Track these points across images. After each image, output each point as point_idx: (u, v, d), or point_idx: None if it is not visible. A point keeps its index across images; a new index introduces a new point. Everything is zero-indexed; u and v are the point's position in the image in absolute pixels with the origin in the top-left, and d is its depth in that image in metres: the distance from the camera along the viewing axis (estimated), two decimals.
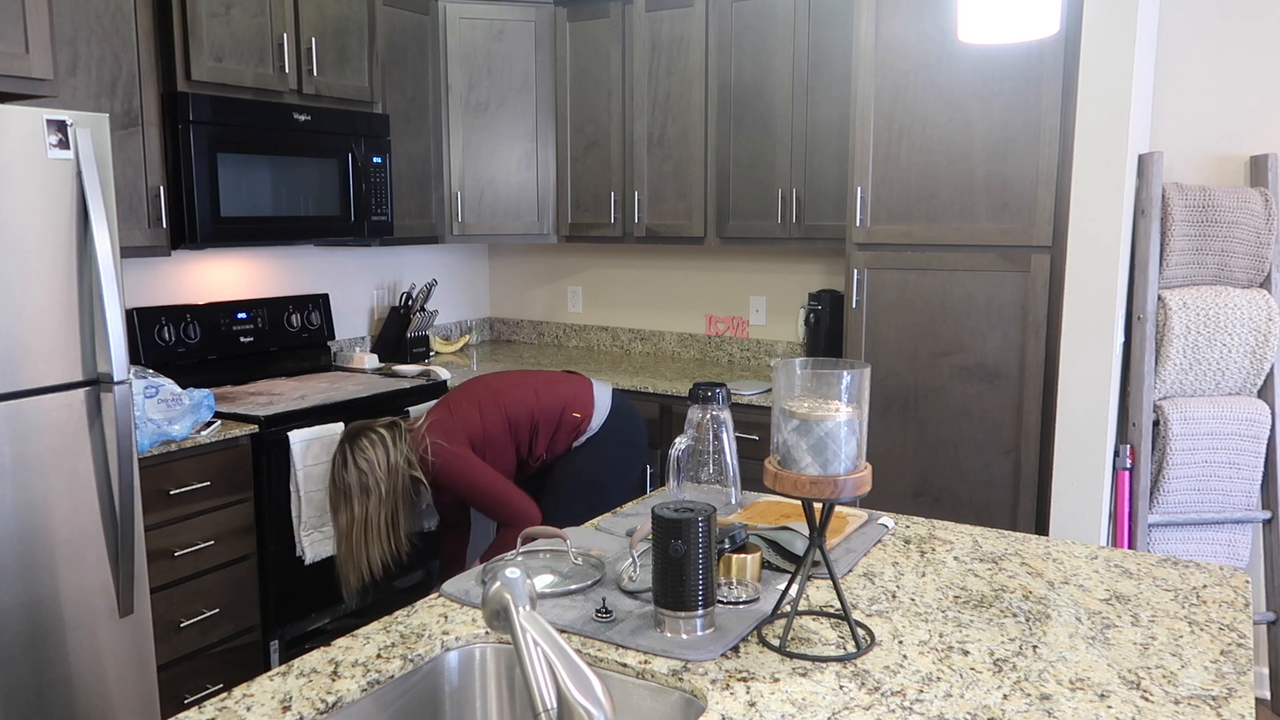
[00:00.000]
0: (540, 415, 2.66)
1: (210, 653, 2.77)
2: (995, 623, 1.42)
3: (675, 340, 4.16)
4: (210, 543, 2.72)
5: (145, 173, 2.83)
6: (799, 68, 3.36)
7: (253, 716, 1.17)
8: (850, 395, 1.30)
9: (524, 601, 1.05)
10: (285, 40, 3.11)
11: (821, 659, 1.30)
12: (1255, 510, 2.94)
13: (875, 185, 3.02)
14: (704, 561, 1.31)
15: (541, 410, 2.66)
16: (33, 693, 2.16)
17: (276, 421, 2.87)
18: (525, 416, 2.65)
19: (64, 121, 2.14)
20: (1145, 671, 1.26)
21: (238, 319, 3.39)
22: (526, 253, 4.56)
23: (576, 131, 3.92)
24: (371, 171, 3.42)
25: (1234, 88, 2.96)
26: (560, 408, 2.67)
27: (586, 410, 2.68)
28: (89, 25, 2.67)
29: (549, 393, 2.69)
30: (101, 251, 2.18)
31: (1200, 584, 1.56)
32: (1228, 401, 2.88)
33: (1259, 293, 2.86)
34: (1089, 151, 2.68)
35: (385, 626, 1.42)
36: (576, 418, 2.66)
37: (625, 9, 3.72)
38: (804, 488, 1.27)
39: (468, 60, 3.83)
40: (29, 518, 2.13)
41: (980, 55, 2.81)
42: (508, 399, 2.65)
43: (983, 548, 1.74)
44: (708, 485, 1.82)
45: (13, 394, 2.09)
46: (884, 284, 3.04)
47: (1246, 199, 2.84)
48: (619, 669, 1.30)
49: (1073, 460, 2.78)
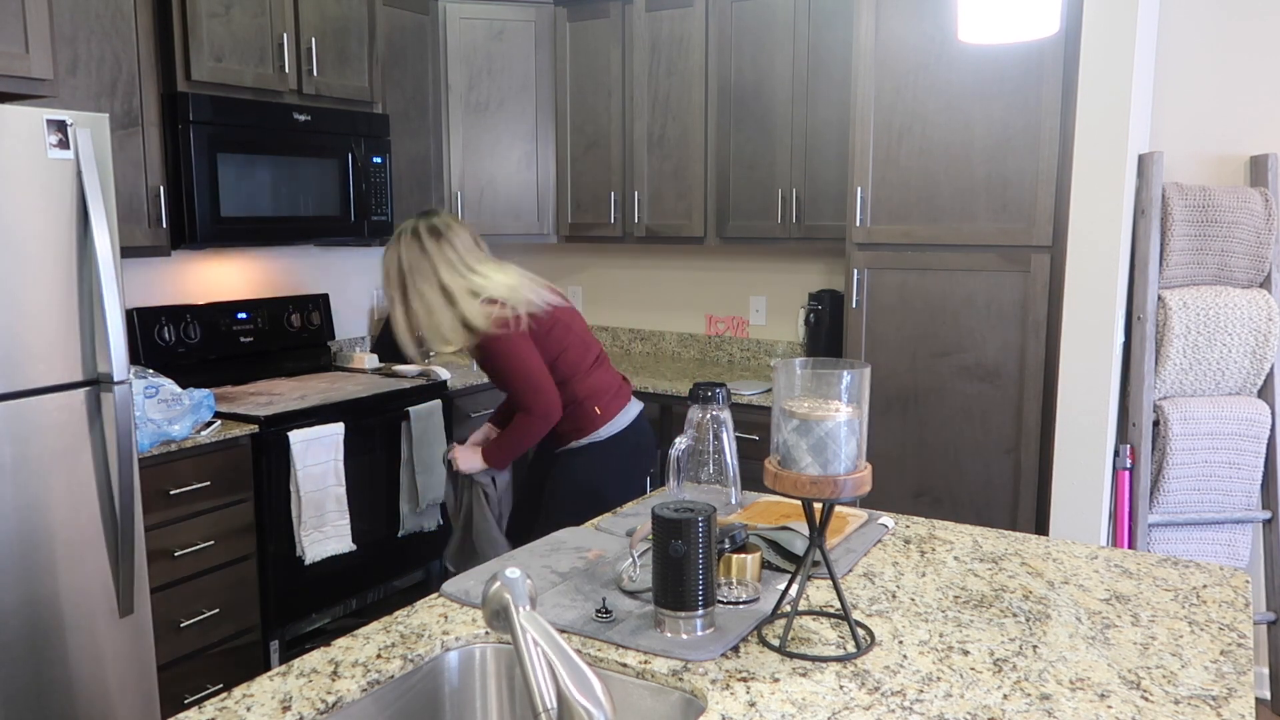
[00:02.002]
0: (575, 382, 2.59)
1: (210, 653, 2.77)
2: (995, 623, 1.42)
3: (675, 340, 4.16)
4: (210, 543, 2.72)
5: (145, 173, 2.83)
6: (799, 68, 3.36)
7: (253, 716, 1.17)
8: (850, 395, 1.30)
9: (524, 601, 1.05)
10: (285, 40, 3.11)
11: (821, 659, 1.30)
12: (1255, 510, 2.94)
13: (875, 185, 3.02)
14: (704, 561, 1.31)
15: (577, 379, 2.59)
16: (33, 693, 2.16)
17: (276, 421, 2.87)
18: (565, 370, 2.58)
19: (64, 121, 2.14)
20: (1145, 671, 1.26)
21: (238, 319, 3.39)
22: (526, 253, 4.56)
23: (576, 131, 3.92)
24: (371, 171, 3.42)
25: (1234, 88, 2.96)
26: (589, 393, 2.59)
27: (608, 414, 2.62)
28: (89, 25, 2.67)
29: (599, 375, 2.62)
30: (101, 251, 2.18)
31: (1200, 584, 1.56)
32: (1228, 401, 2.88)
33: (1259, 293, 2.86)
34: (1089, 151, 2.68)
35: (385, 626, 1.42)
36: (597, 412, 2.60)
37: (625, 9, 3.72)
38: (804, 488, 1.27)
39: (468, 60, 3.83)
40: (29, 518, 2.13)
41: (980, 55, 2.81)
42: (571, 346, 2.59)
43: (983, 548, 1.74)
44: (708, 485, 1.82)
45: (13, 394, 2.09)
46: (884, 284, 3.04)
47: (1246, 199, 2.84)
48: (619, 669, 1.30)
49: (1073, 460, 2.78)
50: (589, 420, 2.59)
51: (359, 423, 3.09)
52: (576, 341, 2.62)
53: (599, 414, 2.60)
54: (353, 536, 3.05)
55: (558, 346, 2.57)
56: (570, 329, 2.61)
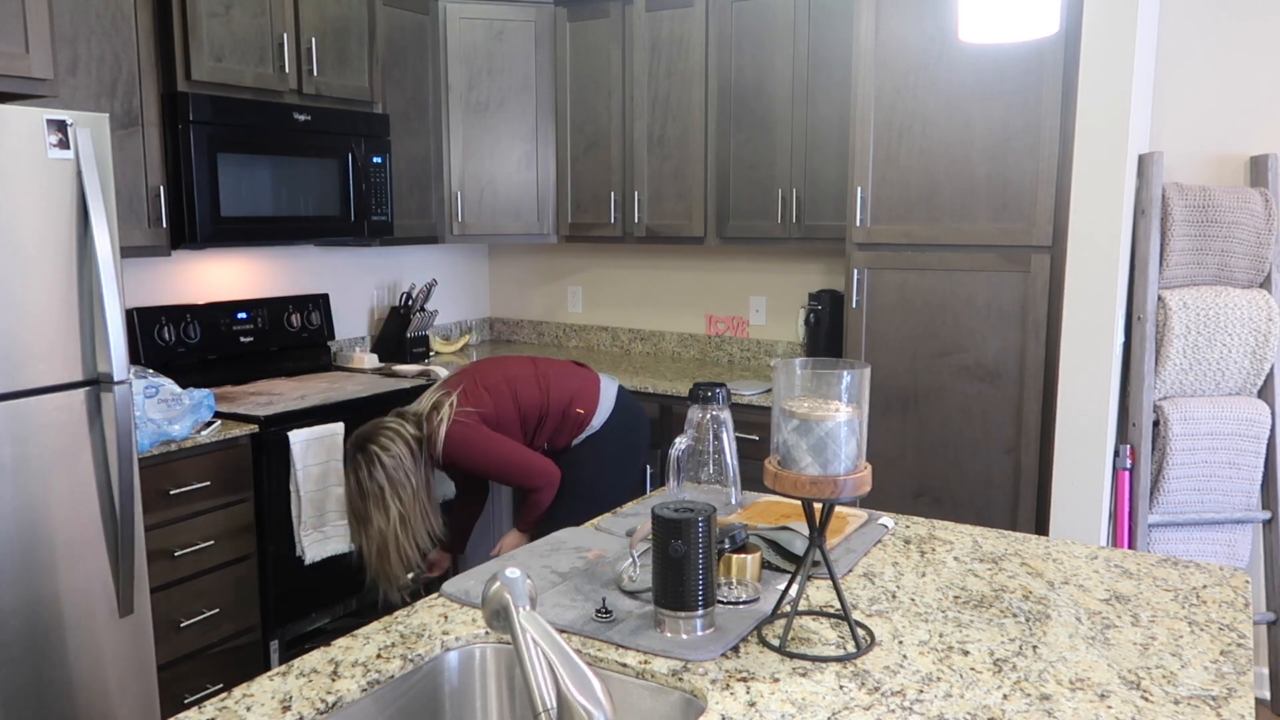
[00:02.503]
0: (548, 408, 2.68)
1: (210, 653, 2.77)
2: (995, 623, 1.42)
3: (675, 340, 4.16)
4: (210, 543, 2.72)
5: (145, 173, 2.83)
6: (799, 68, 3.36)
7: (253, 716, 1.17)
8: (850, 395, 1.30)
9: (524, 601, 1.05)
10: (285, 40, 3.11)
11: (821, 659, 1.30)
12: (1255, 510, 2.94)
13: (875, 185, 3.02)
14: (704, 561, 1.31)
15: (549, 404, 2.68)
16: (33, 693, 2.16)
17: (276, 421, 2.87)
18: (534, 408, 2.67)
19: (64, 121, 2.14)
20: (1145, 671, 1.26)
21: (238, 319, 3.39)
22: (526, 253, 4.56)
23: (576, 131, 3.92)
24: (371, 171, 3.42)
25: (1234, 88, 2.96)
26: (567, 401, 2.68)
27: (590, 406, 2.70)
28: (89, 25, 2.67)
29: (557, 386, 2.70)
30: (101, 251, 2.18)
31: (1200, 584, 1.56)
32: (1228, 401, 2.88)
33: (1259, 293, 2.86)
34: (1089, 151, 2.68)
35: (385, 626, 1.42)
36: (580, 413, 2.68)
37: (625, 9, 3.72)
38: (804, 488, 1.27)
39: (468, 60, 3.83)
40: (29, 518, 2.13)
41: (980, 55, 2.81)
42: (520, 388, 2.67)
43: (983, 548, 1.74)
44: (708, 485, 1.82)
45: (13, 394, 2.09)
46: (884, 284, 3.04)
47: (1246, 199, 2.84)
48: (619, 669, 1.30)
49: (1073, 460, 2.78)
50: (580, 420, 2.69)
51: (359, 423, 3.08)
52: (519, 380, 2.71)
53: (583, 413, 2.70)
54: (352, 536, 3.04)
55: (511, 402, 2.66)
56: (505, 378, 2.70)
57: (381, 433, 2.54)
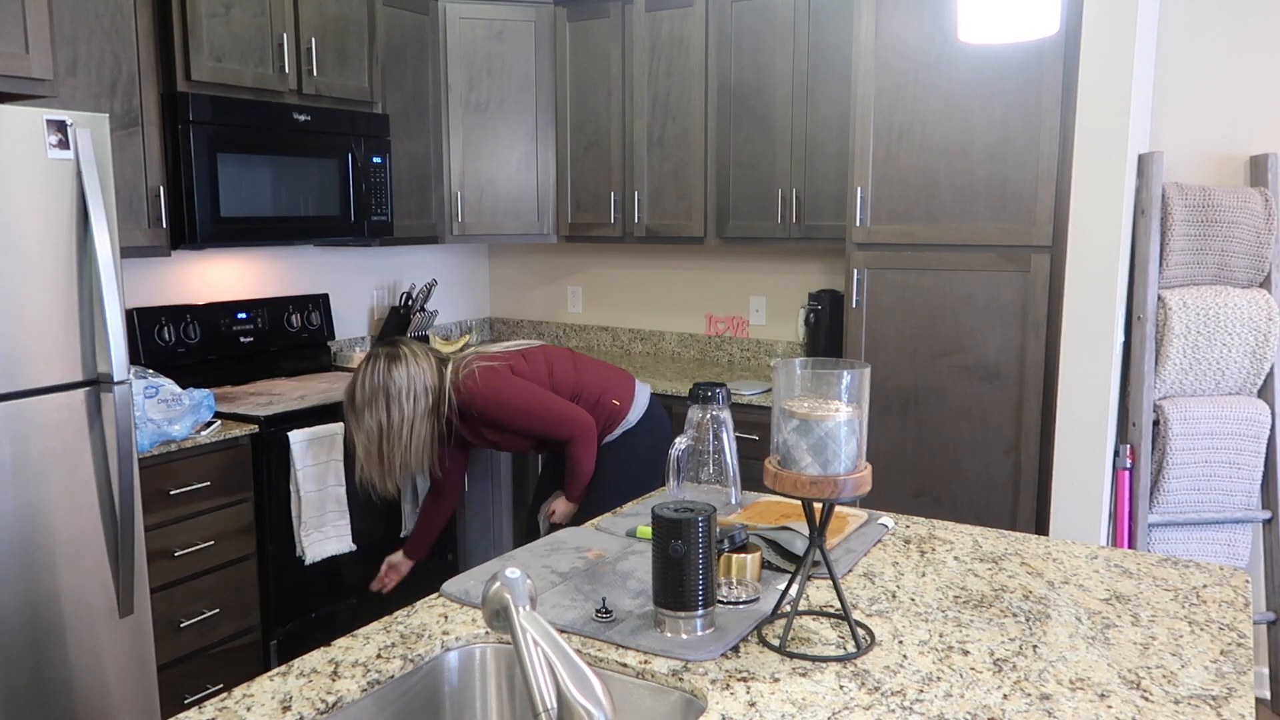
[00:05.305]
0: (581, 390, 2.62)
1: (210, 653, 2.77)
2: (995, 623, 1.42)
3: (675, 340, 4.16)
4: (210, 543, 2.72)
5: (145, 173, 2.83)
6: (799, 68, 3.36)
7: (253, 716, 1.17)
8: (850, 395, 1.30)
9: (524, 601, 1.05)
10: (285, 40, 3.11)
11: (821, 659, 1.30)
12: (1255, 510, 2.94)
13: (875, 185, 3.02)
14: (704, 561, 1.31)
15: (583, 388, 2.63)
16: (33, 693, 2.16)
17: (276, 421, 2.87)
18: (567, 385, 2.61)
19: (64, 121, 2.14)
20: (1145, 671, 1.26)
21: (238, 319, 3.39)
22: (526, 253, 4.56)
23: (576, 131, 3.92)
24: (371, 171, 3.42)
25: (1234, 88, 2.96)
26: (601, 389, 2.64)
27: (627, 399, 2.66)
28: (89, 25, 2.67)
29: (593, 375, 2.67)
30: (101, 251, 2.18)
31: (1200, 584, 1.56)
32: (1228, 401, 2.88)
33: (1259, 293, 2.86)
34: (1089, 151, 2.68)
35: (385, 626, 1.42)
36: (616, 404, 2.64)
37: (625, 9, 3.72)
38: (804, 488, 1.27)
39: (468, 60, 3.83)
40: (29, 518, 2.13)
41: (980, 55, 2.81)
42: (556, 366, 2.63)
43: (983, 548, 1.74)
44: (708, 485, 1.82)
45: (13, 394, 2.09)
46: (884, 284, 3.04)
47: (1246, 199, 2.84)
48: (619, 669, 1.30)
49: (1073, 460, 2.78)
50: (613, 413, 2.65)
51: None
52: (556, 358, 2.68)
53: (619, 404, 2.66)
54: (353, 536, 3.05)
55: (544, 369, 2.62)
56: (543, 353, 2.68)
57: (410, 347, 2.50)
